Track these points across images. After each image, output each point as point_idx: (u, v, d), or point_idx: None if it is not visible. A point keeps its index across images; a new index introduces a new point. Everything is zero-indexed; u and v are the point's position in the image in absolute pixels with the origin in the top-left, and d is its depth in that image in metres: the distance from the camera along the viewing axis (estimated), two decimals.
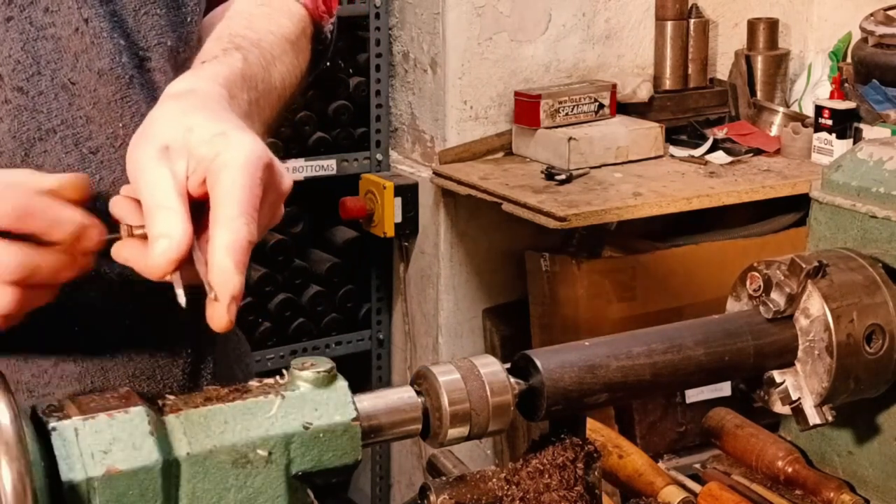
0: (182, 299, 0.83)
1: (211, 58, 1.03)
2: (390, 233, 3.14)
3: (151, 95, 1.04)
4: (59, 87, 1.00)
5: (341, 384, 0.83)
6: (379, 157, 3.23)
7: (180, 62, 1.10)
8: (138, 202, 0.88)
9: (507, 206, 2.78)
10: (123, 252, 0.87)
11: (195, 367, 1.14)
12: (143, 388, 1.05)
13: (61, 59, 1.00)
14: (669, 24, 3.30)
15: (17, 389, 1.00)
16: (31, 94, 0.99)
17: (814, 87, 3.34)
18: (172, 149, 0.86)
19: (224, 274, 0.81)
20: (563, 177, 2.87)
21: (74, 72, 1.01)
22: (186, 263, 0.84)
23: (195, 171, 0.86)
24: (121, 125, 1.03)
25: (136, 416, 0.77)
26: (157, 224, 0.83)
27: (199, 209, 0.85)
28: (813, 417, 1.04)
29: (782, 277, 1.03)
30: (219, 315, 0.82)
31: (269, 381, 0.84)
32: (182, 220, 0.83)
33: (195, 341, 1.14)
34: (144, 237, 0.85)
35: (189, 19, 1.12)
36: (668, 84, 3.33)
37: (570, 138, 2.96)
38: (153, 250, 0.82)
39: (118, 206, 0.91)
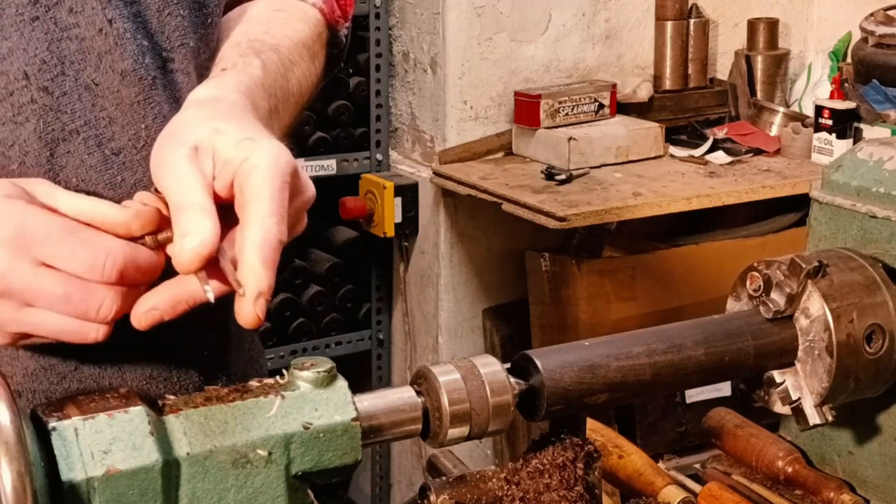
0: (211, 294, 0.84)
1: (231, 65, 1.04)
2: (390, 233, 3.14)
3: (174, 97, 1.05)
4: (83, 87, 1.00)
5: (341, 384, 0.83)
6: (379, 157, 3.23)
7: (201, 63, 1.10)
8: (152, 208, 0.89)
9: (507, 206, 2.78)
10: (149, 303, 0.87)
11: (212, 369, 1.14)
12: (161, 391, 1.05)
13: (85, 60, 1.00)
14: (669, 24, 3.30)
15: (34, 398, 1.00)
16: (55, 95, 0.99)
17: (814, 87, 3.34)
18: (201, 149, 0.87)
19: (253, 269, 0.82)
20: (563, 177, 2.87)
21: (98, 72, 1.01)
22: (211, 264, 0.84)
23: (221, 174, 0.87)
24: (143, 126, 1.03)
25: (136, 416, 0.77)
26: (186, 221, 0.83)
27: (222, 212, 0.86)
28: (813, 417, 1.04)
29: (782, 277, 1.03)
30: (245, 311, 0.83)
31: (269, 381, 0.84)
32: (212, 217, 0.83)
33: (212, 343, 1.14)
34: (168, 241, 0.86)
35: (210, 20, 1.11)
36: (668, 84, 3.33)
37: (570, 138, 2.96)
38: (183, 246, 0.83)
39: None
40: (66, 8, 0.99)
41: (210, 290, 0.84)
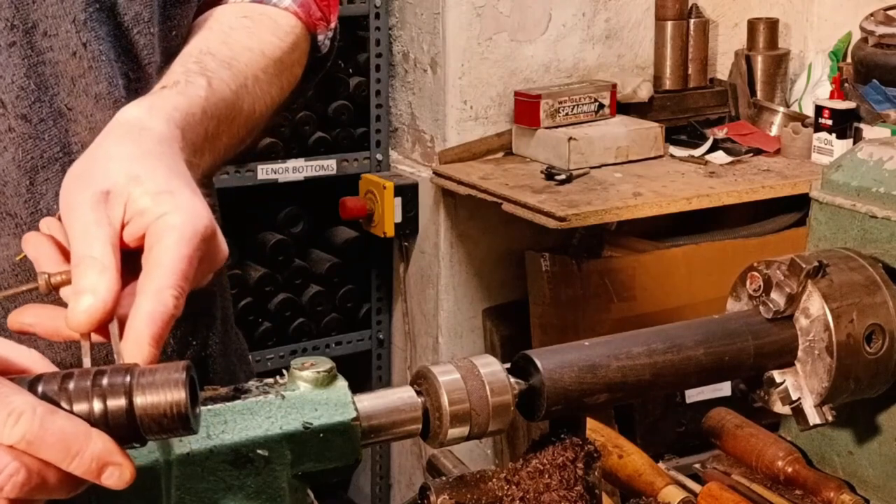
0: (87, 362, 0.76)
1: (171, 83, 0.97)
2: (390, 233, 3.14)
3: None
4: (57, 113, 0.98)
5: (341, 384, 0.83)
6: (379, 157, 3.23)
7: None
8: (55, 240, 0.83)
9: (507, 206, 2.78)
10: (25, 318, 0.81)
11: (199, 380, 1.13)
12: None
13: (58, 84, 0.98)
14: (669, 24, 3.30)
15: None
16: (33, 122, 0.97)
17: (814, 87, 3.34)
18: (113, 194, 0.80)
19: (138, 345, 0.75)
20: (563, 177, 2.87)
21: (71, 97, 0.98)
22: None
23: (133, 222, 0.80)
24: None
25: None
26: (85, 277, 0.76)
27: (128, 259, 0.80)
28: (813, 417, 1.04)
29: (782, 277, 1.03)
30: None
31: (269, 381, 0.84)
32: (112, 277, 0.76)
33: (195, 355, 1.13)
34: (64, 284, 0.79)
35: (175, 33, 1.09)
36: (668, 84, 3.33)
37: (570, 138, 2.96)
38: (77, 305, 0.76)
39: (32, 244, 0.84)
40: (41, 31, 0.97)
41: (88, 363, 0.76)
